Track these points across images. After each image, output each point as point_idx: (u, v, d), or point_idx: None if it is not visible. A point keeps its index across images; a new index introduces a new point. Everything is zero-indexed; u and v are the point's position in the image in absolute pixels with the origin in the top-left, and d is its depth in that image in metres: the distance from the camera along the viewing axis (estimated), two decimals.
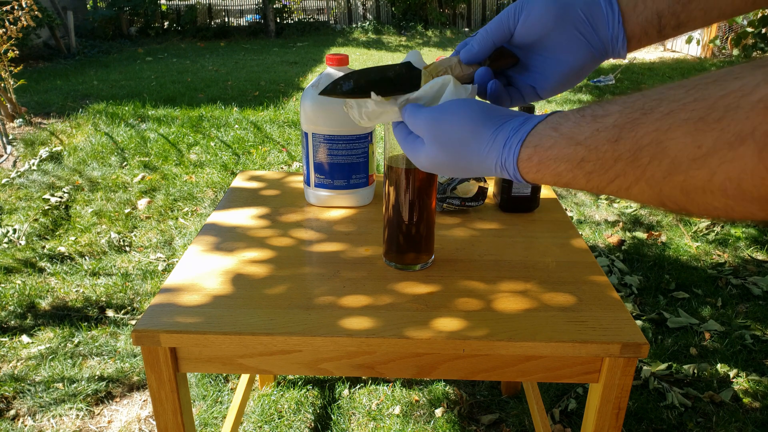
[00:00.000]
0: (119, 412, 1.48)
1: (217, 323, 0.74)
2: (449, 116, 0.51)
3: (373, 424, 1.43)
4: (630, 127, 0.37)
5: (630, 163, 0.36)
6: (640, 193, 0.37)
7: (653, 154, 0.35)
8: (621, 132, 0.37)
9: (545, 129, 0.44)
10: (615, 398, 0.77)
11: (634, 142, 0.36)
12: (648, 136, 0.35)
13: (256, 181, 1.20)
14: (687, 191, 0.33)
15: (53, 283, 2.04)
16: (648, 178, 0.36)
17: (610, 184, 0.39)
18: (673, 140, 0.33)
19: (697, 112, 0.32)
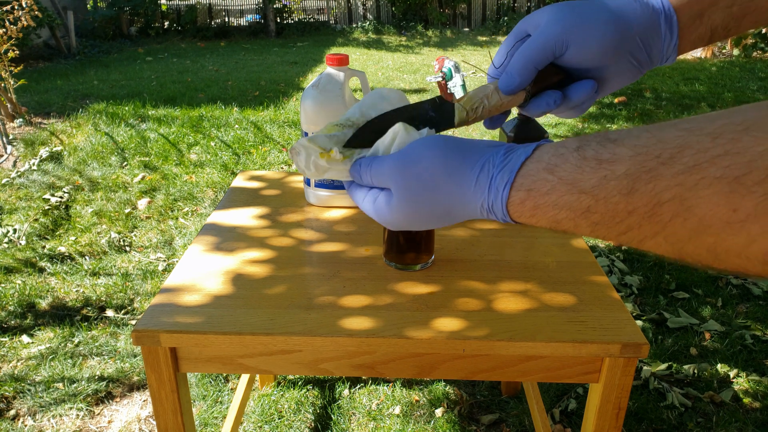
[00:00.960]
0: (119, 412, 1.48)
1: (217, 323, 0.74)
2: (417, 159, 0.44)
3: (373, 424, 1.43)
4: (646, 178, 0.32)
5: (647, 218, 0.32)
6: (656, 246, 0.33)
7: (676, 211, 0.30)
8: (635, 183, 0.33)
9: (538, 170, 0.39)
10: (615, 398, 0.77)
11: (653, 197, 0.32)
12: (669, 191, 0.31)
13: (256, 181, 1.20)
14: (716, 253, 0.29)
15: (53, 283, 2.04)
16: (668, 235, 0.31)
17: (620, 236, 0.35)
18: (701, 199, 0.29)
19: (732, 169, 0.28)
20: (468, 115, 0.50)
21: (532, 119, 1.02)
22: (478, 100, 0.50)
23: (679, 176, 0.30)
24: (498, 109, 0.51)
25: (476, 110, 0.50)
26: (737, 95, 4.75)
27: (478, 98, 0.50)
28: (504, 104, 0.50)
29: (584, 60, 0.48)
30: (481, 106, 0.50)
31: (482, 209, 0.42)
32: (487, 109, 0.50)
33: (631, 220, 0.33)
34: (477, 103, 0.50)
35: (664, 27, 0.47)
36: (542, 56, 0.48)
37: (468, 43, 8.56)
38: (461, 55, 7.45)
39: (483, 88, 0.51)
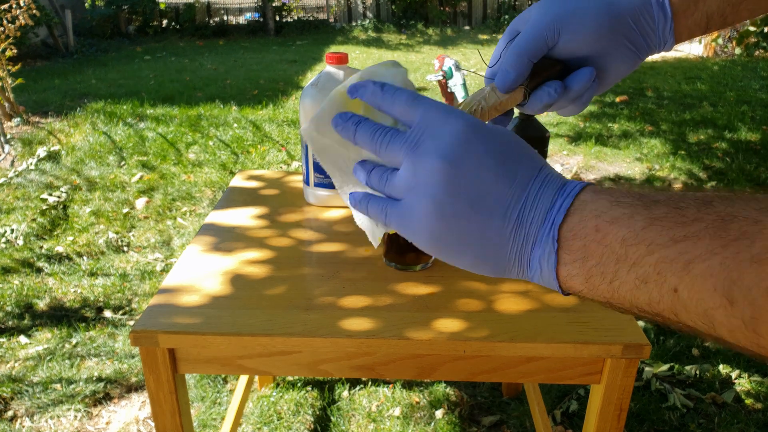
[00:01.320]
0: (117, 413, 1.47)
1: (215, 324, 0.74)
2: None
3: (373, 426, 1.42)
4: (724, 199, 0.29)
5: (710, 230, 0.28)
6: (706, 273, 0.28)
7: (745, 231, 0.27)
8: (713, 199, 0.30)
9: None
10: (617, 399, 0.76)
11: (726, 212, 0.28)
12: (744, 211, 0.28)
13: (255, 181, 1.20)
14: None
15: (51, 283, 2.03)
16: (727, 256, 0.27)
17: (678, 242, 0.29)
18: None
19: None
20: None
21: (533, 118, 1.01)
22: (475, 103, 0.48)
23: (760, 202, 0.28)
24: (497, 110, 0.48)
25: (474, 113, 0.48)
26: (739, 94, 4.74)
27: (475, 101, 0.48)
28: (503, 104, 0.48)
29: (579, 47, 0.47)
30: (479, 108, 0.48)
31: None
32: (486, 111, 0.48)
33: (693, 228, 0.29)
34: (474, 106, 0.48)
35: (657, 9, 0.47)
36: (535, 47, 0.47)
37: (468, 41, 8.56)
38: (461, 53, 7.45)
39: (479, 91, 0.49)
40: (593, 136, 3.67)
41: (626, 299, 0.31)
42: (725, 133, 3.74)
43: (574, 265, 0.32)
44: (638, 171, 3.15)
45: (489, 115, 0.48)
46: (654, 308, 0.30)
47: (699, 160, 3.25)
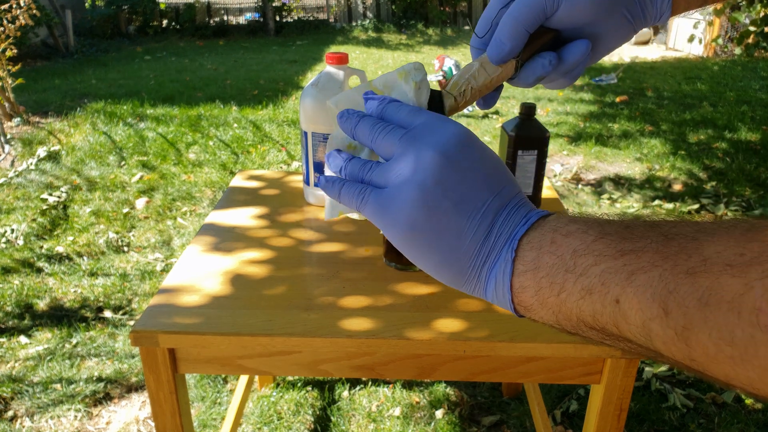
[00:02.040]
0: (117, 413, 1.47)
1: (216, 324, 0.74)
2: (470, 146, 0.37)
3: (373, 426, 1.42)
4: (671, 222, 0.30)
5: (653, 245, 0.29)
6: (646, 283, 0.28)
7: (684, 247, 0.28)
8: (659, 223, 0.31)
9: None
10: (617, 399, 0.76)
11: (669, 231, 0.29)
12: (686, 231, 0.29)
13: (255, 181, 1.20)
14: (706, 302, 0.26)
15: (51, 283, 2.03)
16: (666, 269, 0.28)
17: (624, 255, 0.30)
18: (712, 240, 0.27)
19: (749, 225, 0.27)
20: (457, 101, 0.45)
21: (533, 118, 1.01)
22: (464, 82, 0.45)
23: (700, 224, 0.29)
24: (488, 87, 0.46)
25: (464, 93, 0.45)
26: (739, 94, 4.74)
27: (464, 80, 0.45)
28: (494, 80, 0.45)
29: (577, 16, 0.45)
30: (468, 87, 0.45)
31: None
32: (476, 90, 0.45)
33: (639, 243, 0.30)
34: (464, 86, 0.45)
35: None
36: (533, 17, 0.44)
37: (468, 41, 8.55)
38: (461, 53, 7.44)
39: (468, 68, 0.46)
40: (593, 136, 3.67)
41: (573, 312, 0.32)
42: (725, 133, 3.74)
43: (527, 275, 0.33)
44: (638, 171, 3.14)
45: (480, 93, 0.46)
46: (598, 321, 0.31)
47: (699, 160, 3.25)
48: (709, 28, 7.09)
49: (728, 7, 4.54)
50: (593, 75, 5.78)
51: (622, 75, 5.79)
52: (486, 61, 0.45)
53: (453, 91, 0.45)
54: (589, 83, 5.43)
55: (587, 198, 2.79)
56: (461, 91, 0.45)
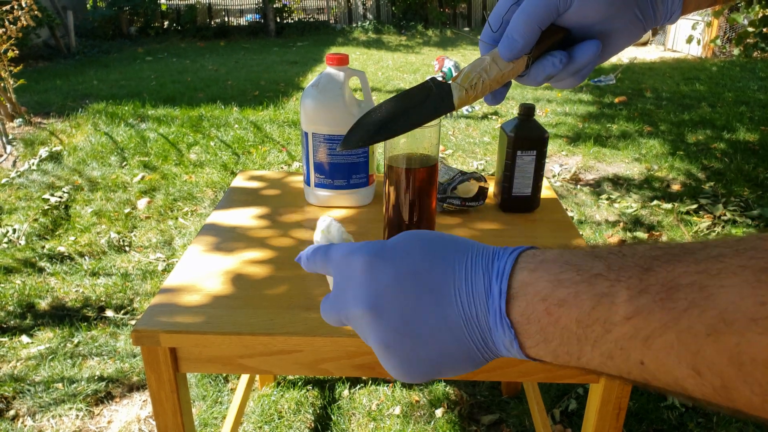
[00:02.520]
0: (119, 412, 1.48)
1: (217, 323, 0.74)
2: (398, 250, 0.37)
3: (373, 425, 1.43)
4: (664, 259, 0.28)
5: (659, 303, 0.27)
6: (666, 348, 0.27)
7: (693, 300, 0.26)
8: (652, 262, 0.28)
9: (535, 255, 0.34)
10: (615, 398, 0.77)
11: (670, 279, 0.27)
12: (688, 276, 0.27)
13: (256, 181, 1.20)
14: (741, 362, 0.24)
15: (53, 283, 2.04)
16: (682, 331, 0.26)
17: (625, 322, 0.28)
18: (723, 288, 0.25)
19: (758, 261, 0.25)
20: (467, 93, 0.45)
21: (533, 119, 1.01)
22: (475, 75, 0.45)
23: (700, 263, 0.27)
24: (498, 82, 0.46)
25: (475, 87, 0.45)
26: (738, 95, 4.75)
27: (475, 73, 0.45)
28: (505, 75, 0.45)
29: (589, 15, 0.44)
30: (480, 81, 0.45)
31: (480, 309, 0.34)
32: (487, 84, 0.45)
33: (641, 301, 0.28)
34: (475, 79, 0.45)
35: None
36: (546, 13, 0.44)
37: (468, 42, 8.56)
38: (461, 54, 7.45)
39: (479, 61, 0.46)
40: (592, 137, 3.68)
41: (598, 371, 0.31)
42: (724, 133, 3.74)
43: (539, 347, 0.32)
44: (637, 171, 3.15)
45: (490, 87, 0.46)
46: (627, 377, 0.30)
47: (697, 161, 3.25)
48: (707, 29, 7.09)
49: (727, 8, 4.55)
50: (592, 76, 5.79)
51: (621, 76, 5.79)
52: (497, 56, 0.45)
53: (464, 83, 0.45)
54: (588, 84, 5.43)
55: (586, 198, 2.79)
56: (473, 83, 0.45)
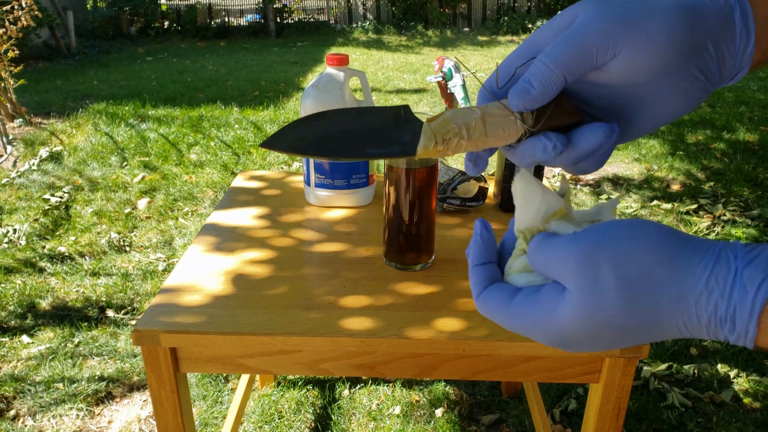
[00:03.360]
0: (119, 412, 1.48)
1: (217, 323, 0.74)
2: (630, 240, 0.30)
3: (373, 425, 1.43)
4: None
5: None
6: None
7: None
8: None
9: None
10: (615, 398, 0.77)
11: None
12: None
13: (256, 181, 1.20)
14: None
15: (53, 283, 2.04)
16: None
17: None
18: None
19: None
20: (436, 146, 0.35)
21: None
22: (454, 128, 0.35)
23: None
24: (477, 146, 0.36)
25: (448, 142, 0.35)
26: (737, 95, 4.74)
27: (455, 124, 0.35)
28: (489, 140, 0.36)
29: (637, 71, 0.33)
30: (456, 138, 0.35)
31: (711, 317, 0.28)
32: (463, 145, 0.35)
33: None
34: (451, 133, 0.35)
35: (740, 25, 0.33)
36: (579, 61, 0.33)
37: (468, 42, 8.56)
38: (461, 55, 7.45)
39: (466, 112, 0.35)
40: None
41: None
42: (723, 133, 3.74)
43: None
44: (637, 171, 3.15)
45: (465, 148, 0.36)
46: None
47: (697, 161, 3.25)
48: None
49: None
50: None
51: None
52: (489, 115, 0.35)
53: (438, 131, 0.35)
54: None
55: (586, 198, 2.80)
56: (446, 137, 0.35)
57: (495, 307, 0.34)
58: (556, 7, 10.03)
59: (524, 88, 0.34)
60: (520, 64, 0.36)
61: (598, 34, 0.33)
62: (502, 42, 8.69)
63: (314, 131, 0.37)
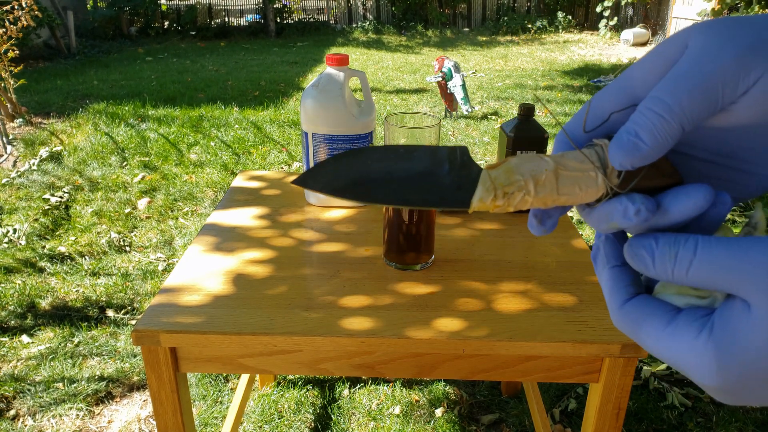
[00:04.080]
0: (119, 412, 1.48)
1: (217, 323, 0.74)
2: None
3: (373, 424, 1.43)
4: None
5: None
6: None
7: None
8: None
9: None
10: (615, 398, 0.77)
11: None
12: None
13: (256, 181, 1.20)
14: None
15: (53, 283, 2.04)
16: None
17: None
18: None
19: None
20: (495, 199, 0.28)
21: (532, 119, 1.01)
22: (519, 180, 0.28)
23: None
24: (546, 203, 0.28)
25: (510, 196, 0.28)
26: None
27: (520, 176, 0.28)
28: (560, 198, 0.28)
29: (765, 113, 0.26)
30: (521, 192, 0.28)
31: None
32: (529, 199, 0.28)
33: None
34: (515, 186, 0.28)
35: None
36: (699, 105, 0.25)
37: (468, 42, 8.56)
38: (461, 55, 7.45)
39: (535, 161, 0.28)
40: None
41: None
42: None
43: None
44: None
45: (531, 205, 0.28)
46: None
47: None
48: None
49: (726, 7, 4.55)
50: (592, 76, 5.79)
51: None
52: (564, 167, 0.28)
53: (500, 183, 0.28)
54: (588, 84, 5.43)
55: None
56: (509, 191, 0.28)
57: (646, 326, 0.26)
58: (556, 7, 10.02)
59: (631, 143, 0.26)
60: (615, 109, 0.29)
61: (724, 68, 0.25)
62: (502, 42, 8.69)
63: (354, 170, 0.31)
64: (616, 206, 0.28)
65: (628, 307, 0.28)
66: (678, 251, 0.25)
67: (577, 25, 10.05)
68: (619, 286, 0.28)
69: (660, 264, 0.25)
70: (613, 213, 0.28)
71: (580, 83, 5.48)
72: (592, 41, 8.84)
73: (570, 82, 5.57)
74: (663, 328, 0.26)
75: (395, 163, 0.31)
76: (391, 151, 0.32)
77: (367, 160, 0.31)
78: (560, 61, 6.96)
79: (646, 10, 8.86)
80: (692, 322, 0.25)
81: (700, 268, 0.24)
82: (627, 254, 0.27)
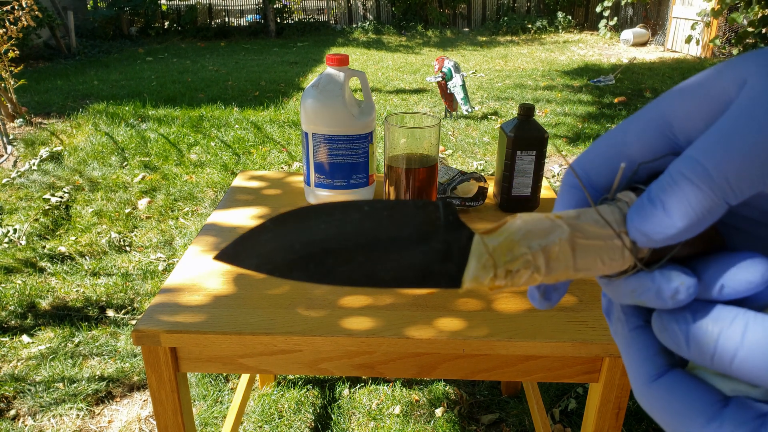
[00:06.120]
0: (119, 411, 1.48)
1: (217, 323, 0.74)
2: None
3: (373, 424, 1.43)
4: None
5: None
6: None
7: None
8: None
9: None
10: (615, 398, 0.77)
11: None
12: None
13: (256, 181, 1.21)
14: None
15: (53, 283, 2.04)
16: None
17: None
18: None
19: None
20: (494, 279, 0.20)
21: (532, 119, 1.01)
22: (525, 254, 0.20)
23: None
24: (558, 279, 0.21)
25: (514, 275, 0.20)
26: None
27: (527, 248, 0.20)
28: (578, 274, 0.22)
29: None
30: (528, 270, 0.20)
31: None
32: (538, 278, 0.21)
33: None
34: (521, 261, 0.20)
35: None
36: (756, 174, 0.18)
37: (468, 43, 8.56)
38: (461, 55, 7.45)
39: (545, 225, 0.21)
40: (592, 137, 3.68)
41: None
42: None
43: None
44: None
45: (540, 281, 0.21)
46: None
47: None
48: (706, 29, 7.09)
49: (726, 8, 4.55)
50: (592, 76, 5.79)
51: (621, 76, 5.79)
52: (582, 234, 0.21)
53: (500, 255, 0.20)
54: (588, 84, 5.43)
55: None
56: (512, 267, 0.20)
57: (682, 417, 0.20)
58: (556, 7, 10.03)
59: (658, 218, 0.19)
60: (644, 150, 0.21)
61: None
62: (502, 42, 8.69)
63: (303, 238, 0.22)
64: (647, 284, 0.21)
65: (659, 387, 0.21)
66: (720, 334, 0.19)
67: (577, 25, 10.05)
68: (645, 355, 0.22)
69: (695, 347, 0.19)
70: (643, 291, 0.21)
71: (579, 83, 5.48)
72: (592, 41, 8.84)
73: (570, 82, 5.57)
74: (705, 423, 0.19)
75: (359, 227, 0.22)
76: (351, 209, 0.23)
77: (319, 223, 0.22)
78: (560, 61, 6.96)
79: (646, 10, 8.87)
80: (742, 424, 0.19)
81: (748, 358, 0.18)
82: (655, 326, 0.21)
